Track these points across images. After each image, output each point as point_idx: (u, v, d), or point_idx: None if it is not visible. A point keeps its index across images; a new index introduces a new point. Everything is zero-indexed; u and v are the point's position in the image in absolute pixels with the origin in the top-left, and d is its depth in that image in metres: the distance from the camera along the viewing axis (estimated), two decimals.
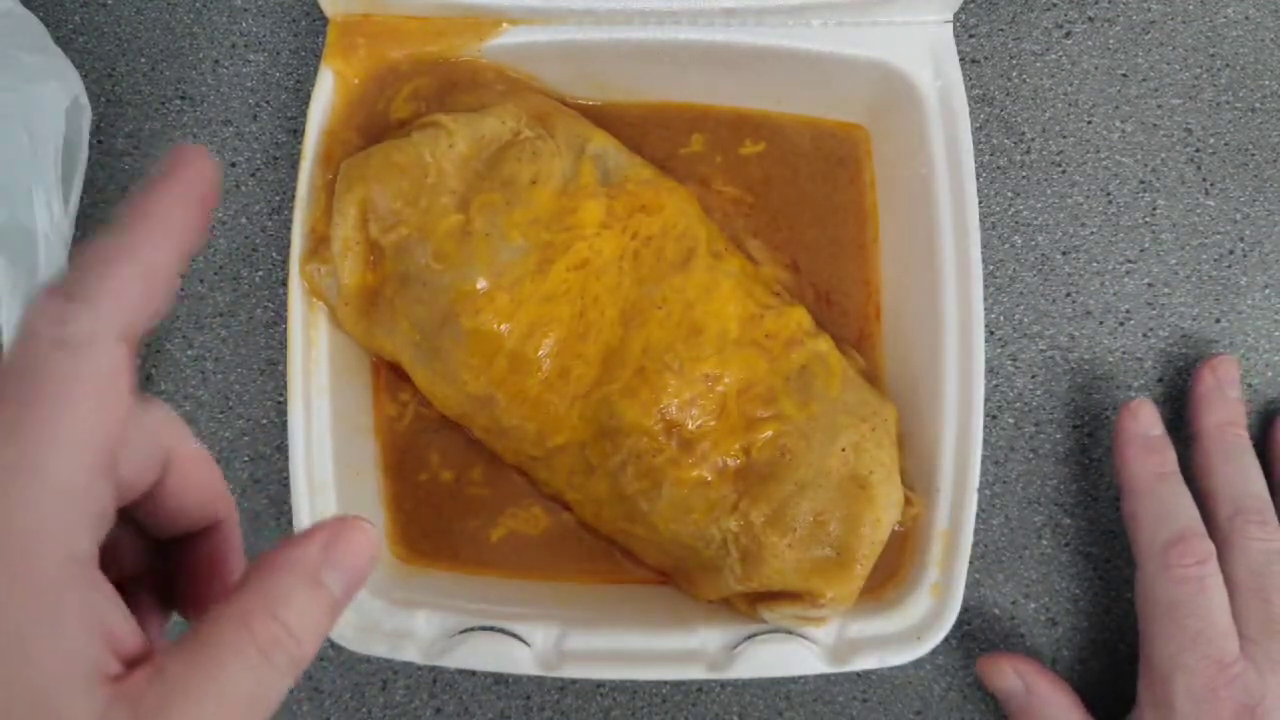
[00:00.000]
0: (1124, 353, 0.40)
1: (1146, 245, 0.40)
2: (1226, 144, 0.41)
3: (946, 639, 0.34)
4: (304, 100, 0.36)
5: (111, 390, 0.18)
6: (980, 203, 0.35)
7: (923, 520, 0.35)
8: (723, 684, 0.38)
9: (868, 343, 0.38)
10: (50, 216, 0.35)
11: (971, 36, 0.41)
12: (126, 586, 0.20)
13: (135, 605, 0.20)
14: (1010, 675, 0.36)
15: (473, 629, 0.34)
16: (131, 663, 0.18)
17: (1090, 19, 0.41)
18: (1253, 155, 0.41)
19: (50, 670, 0.17)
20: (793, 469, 0.33)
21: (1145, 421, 0.37)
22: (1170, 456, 0.36)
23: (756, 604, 0.34)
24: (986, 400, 0.37)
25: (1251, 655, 0.33)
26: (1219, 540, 0.34)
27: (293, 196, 0.35)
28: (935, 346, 0.35)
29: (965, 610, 0.37)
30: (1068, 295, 0.40)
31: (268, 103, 0.40)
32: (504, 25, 0.36)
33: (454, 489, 0.37)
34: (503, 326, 0.32)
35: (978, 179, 0.35)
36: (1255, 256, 0.40)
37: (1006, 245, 0.40)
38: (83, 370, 0.18)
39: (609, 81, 0.38)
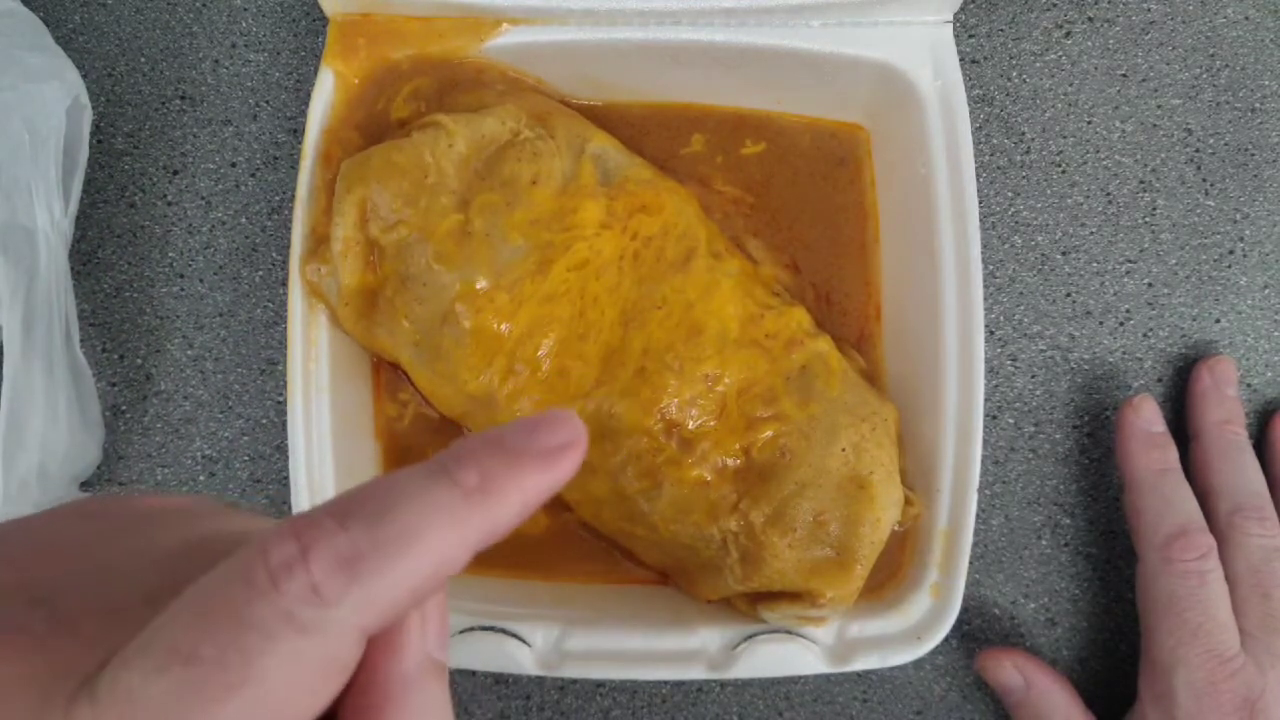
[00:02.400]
0: (1124, 353, 0.40)
1: (1146, 245, 0.40)
2: (1226, 144, 0.41)
3: (946, 639, 0.34)
4: (304, 100, 0.36)
5: (319, 691, 0.15)
6: (980, 203, 0.35)
7: (923, 520, 0.35)
8: (723, 684, 0.38)
9: (868, 343, 0.38)
10: (50, 216, 0.35)
11: (971, 36, 0.41)
12: None
13: None
14: (1010, 670, 0.36)
15: (473, 629, 0.34)
16: None
17: (1090, 19, 0.41)
18: (1253, 155, 0.41)
19: None
20: (793, 469, 0.33)
21: (1147, 417, 0.37)
22: (1172, 453, 0.36)
23: (757, 604, 0.34)
24: (986, 400, 0.37)
25: (1252, 650, 0.33)
26: (1218, 537, 0.35)
27: (293, 196, 0.35)
28: (935, 346, 0.35)
29: (965, 610, 0.38)
30: (1068, 295, 0.40)
31: (268, 103, 0.40)
32: (504, 25, 0.36)
33: None
34: (503, 326, 0.32)
35: (978, 179, 0.35)
36: (1255, 256, 0.40)
37: (1006, 245, 0.40)
38: (310, 666, 0.14)
39: (609, 81, 0.38)
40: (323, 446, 0.34)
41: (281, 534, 0.15)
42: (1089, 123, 0.41)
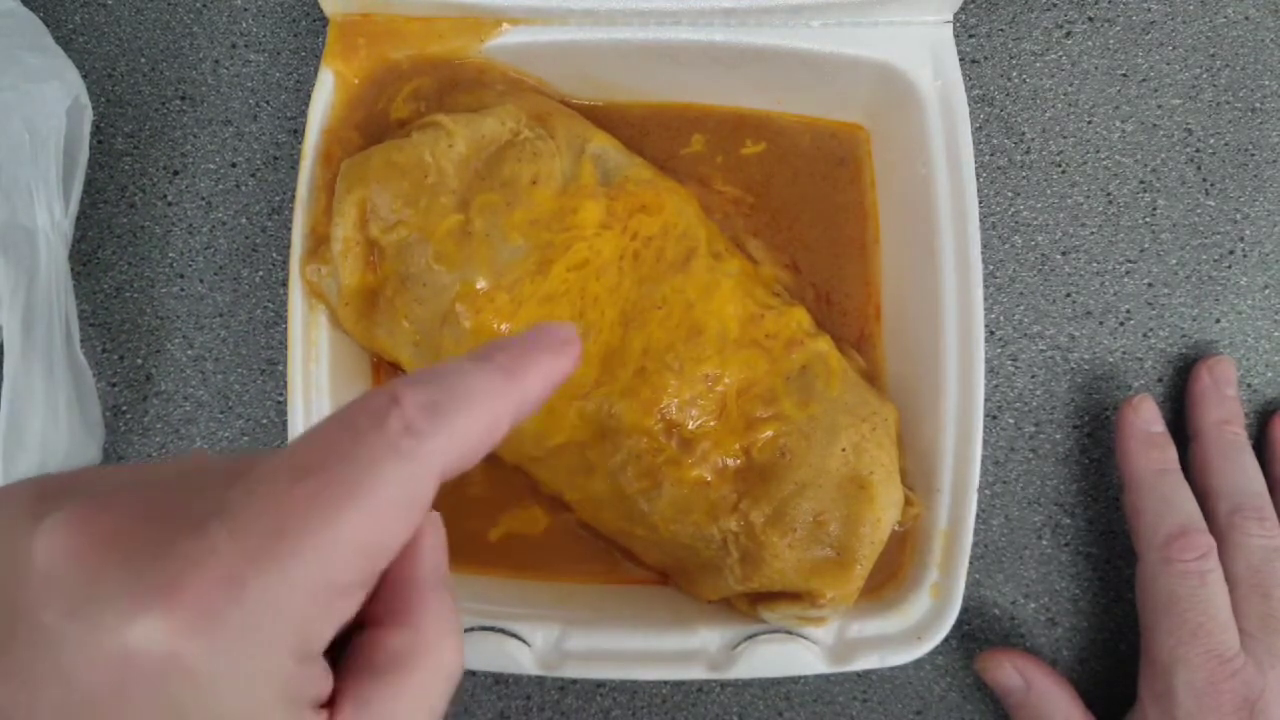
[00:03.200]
0: (1124, 353, 0.40)
1: (1146, 245, 0.40)
2: (1226, 144, 0.41)
3: (946, 639, 0.34)
4: (304, 100, 0.36)
5: (409, 518, 0.18)
6: (980, 203, 0.35)
7: (923, 520, 0.35)
8: (723, 684, 0.38)
9: (868, 343, 0.38)
10: (50, 216, 0.35)
11: (971, 36, 0.41)
12: None
13: None
14: (1010, 671, 0.36)
15: (473, 629, 0.34)
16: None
17: (1090, 19, 0.41)
18: (1253, 155, 0.41)
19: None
20: (793, 469, 0.33)
21: (1146, 416, 0.37)
22: (1171, 453, 0.36)
23: (757, 604, 0.34)
24: (986, 400, 0.37)
25: (1251, 650, 0.33)
26: (1218, 537, 0.35)
27: (293, 196, 0.35)
28: (935, 346, 0.35)
29: (965, 610, 0.38)
30: (1068, 295, 0.40)
31: (268, 103, 0.41)
32: (504, 25, 0.36)
33: (454, 489, 0.37)
34: (503, 326, 0.32)
35: (978, 179, 0.35)
36: (1255, 256, 0.40)
37: (1006, 245, 0.40)
38: (407, 489, 0.18)
39: (609, 82, 0.38)
40: None
41: (375, 392, 0.18)
42: (1089, 123, 0.41)
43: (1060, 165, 0.40)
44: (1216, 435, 0.37)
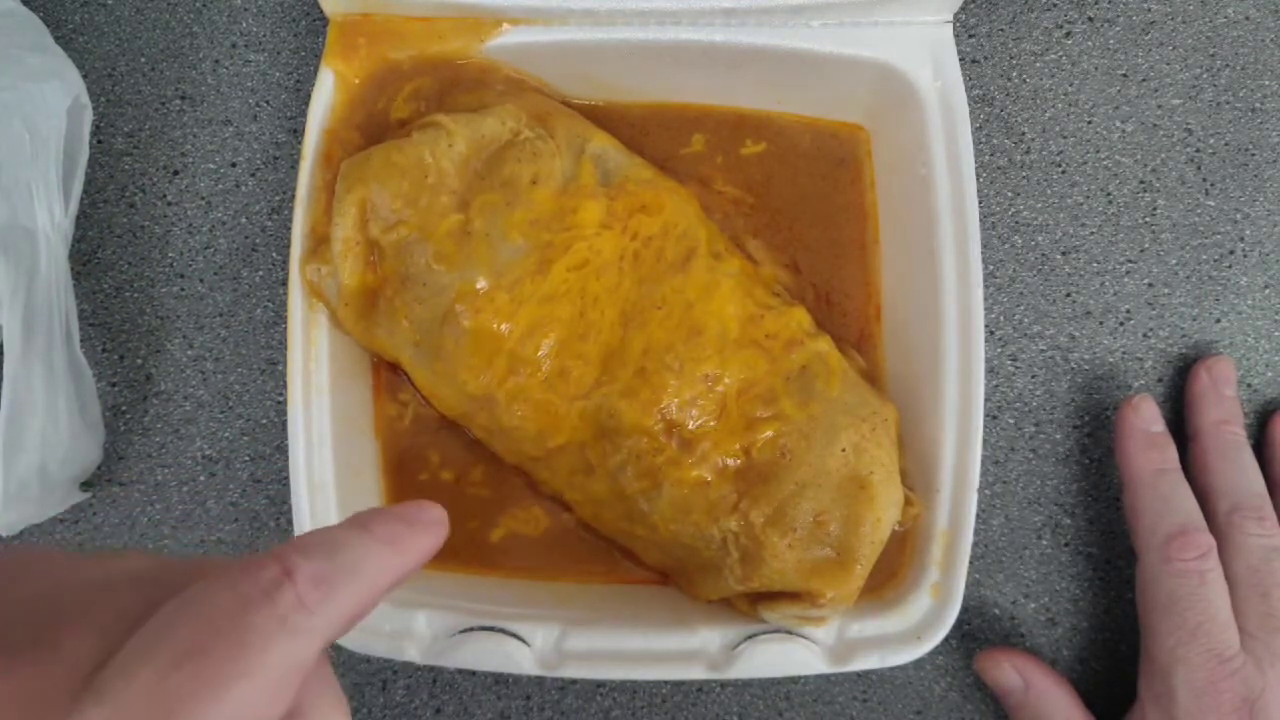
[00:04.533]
0: (1124, 353, 0.40)
1: (1146, 245, 0.40)
2: (1226, 144, 0.41)
3: (946, 639, 0.34)
4: (304, 100, 0.36)
5: (295, 683, 0.19)
6: (980, 203, 0.35)
7: (923, 520, 0.35)
8: (723, 684, 0.38)
9: (868, 343, 0.38)
10: (50, 216, 0.35)
11: (971, 36, 0.41)
12: None
13: None
14: (1009, 671, 0.36)
15: (473, 629, 0.34)
16: None
17: (1090, 19, 0.41)
18: (1253, 155, 0.41)
19: None
20: (793, 469, 0.33)
21: (1146, 416, 0.37)
22: (1171, 452, 0.36)
23: (757, 604, 0.34)
24: (986, 400, 0.37)
25: (1251, 650, 0.33)
26: (1218, 537, 0.35)
27: (293, 196, 0.35)
28: (935, 346, 0.35)
29: (965, 610, 0.38)
30: (1068, 295, 0.40)
31: (268, 103, 0.41)
32: (504, 25, 0.36)
33: (454, 489, 0.37)
34: (503, 326, 0.32)
35: (978, 179, 0.35)
36: (1255, 256, 0.40)
37: (1006, 245, 0.40)
38: (296, 660, 0.18)
39: (609, 82, 0.38)
40: (323, 446, 0.34)
41: (263, 560, 0.19)
42: (1089, 123, 0.41)
43: (1060, 165, 0.40)
44: (1215, 435, 0.37)
